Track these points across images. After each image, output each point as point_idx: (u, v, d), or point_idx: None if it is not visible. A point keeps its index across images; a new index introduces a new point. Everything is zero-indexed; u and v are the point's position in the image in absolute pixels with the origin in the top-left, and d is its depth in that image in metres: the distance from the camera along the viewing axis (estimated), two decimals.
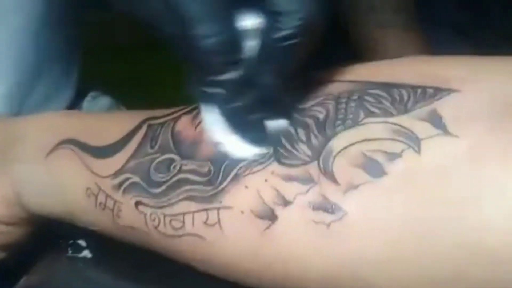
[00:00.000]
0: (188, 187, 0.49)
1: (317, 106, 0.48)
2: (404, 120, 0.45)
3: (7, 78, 0.63)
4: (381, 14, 1.01)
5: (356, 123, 0.46)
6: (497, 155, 0.42)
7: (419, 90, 0.46)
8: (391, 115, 0.45)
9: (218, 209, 0.47)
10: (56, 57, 0.69)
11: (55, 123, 0.60)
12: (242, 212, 0.46)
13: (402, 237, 0.43)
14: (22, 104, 0.65)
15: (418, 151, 0.44)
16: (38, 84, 0.66)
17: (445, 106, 0.45)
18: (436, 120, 0.44)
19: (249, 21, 0.43)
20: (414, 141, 0.44)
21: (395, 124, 0.45)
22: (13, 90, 0.63)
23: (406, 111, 0.45)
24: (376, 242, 0.43)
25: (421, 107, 0.45)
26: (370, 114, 0.46)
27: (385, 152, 0.44)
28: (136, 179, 0.51)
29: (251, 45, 0.43)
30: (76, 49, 0.72)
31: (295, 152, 0.46)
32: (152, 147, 0.51)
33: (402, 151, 0.44)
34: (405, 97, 0.46)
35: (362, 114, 0.46)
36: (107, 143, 0.54)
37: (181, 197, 0.49)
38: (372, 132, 0.45)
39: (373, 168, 0.44)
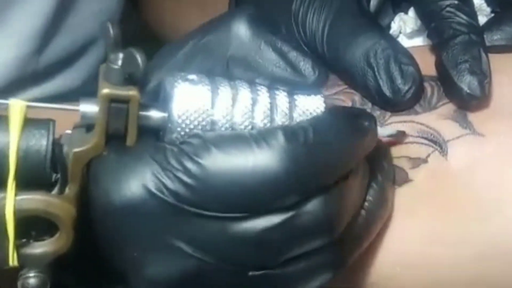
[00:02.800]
0: None
1: (340, 95, 0.46)
2: (429, 118, 0.44)
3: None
4: None
5: (382, 123, 0.44)
6: None
7: (440, 84, 0.45)
8: (416, 112, 0.44)
9: None
10: None
11: None
12: None
13: (428, 242, 0.42)
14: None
15: (445, 154, 0.43)
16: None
17: None
18: (462, 119, 0.44)
19: None
20: (440, 143, 0.43)
21: (421, 124, 0.44)
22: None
23: (430, 108, 0.44)
24: (400, 247, 0.43)
25: (446, 103, 0.44)
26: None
27: (410, 158, 0.43)
28: None
29: None
30: None
31: None
32: None
33: (428, 155, 0.43)
34: (429, 92, 0.45)
35: (388, 112, 0.45)
36: None
37: None
38: None
39: (398, 175, 0.43)
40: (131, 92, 0.35)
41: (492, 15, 0.50)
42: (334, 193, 0.37)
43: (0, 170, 0.35)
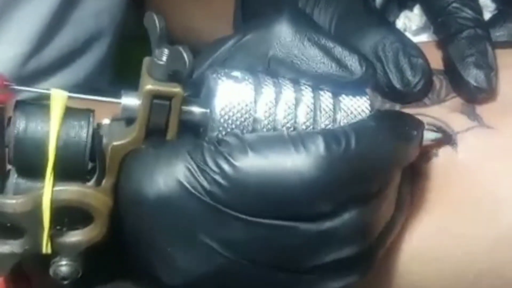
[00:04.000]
0: None
1: None
2: (438, 111, 0.44)
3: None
4: None
5: None
6: None
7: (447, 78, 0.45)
8: (425, 105, 0.44)
9: None
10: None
11: None
12: None
13: (445, 234, 0.43)
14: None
15: (455, 146, 0.43)
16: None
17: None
18: (470, 111, 0.44)
19: None
20: (449, 135, 0.43)
21: (430, 116, 0.44)
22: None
23: (439, 101, 0.45)
24: (419, 240, 0.43)
25: (454, 97, 0.45)
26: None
27: (421, 152, 0.42)
28: None
29: None
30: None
31: None
32: None
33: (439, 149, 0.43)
34: (437, 86, 0.45)
35: (397, 104, 0.45)
36: None
37: None
38: None
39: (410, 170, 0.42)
40: (175, 89, 0.35)
41: (496, 11, 0.49)
42: (372, 204, 0.37)
43: (40, 159, 0.35)
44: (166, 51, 0.34)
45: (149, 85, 0.35)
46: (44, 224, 0.35)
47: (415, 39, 0.49)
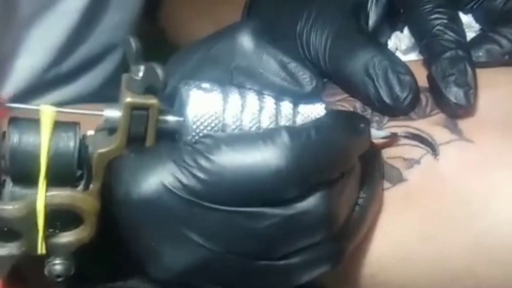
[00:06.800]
0: None
1: (343, 102, 0.50)
2: (423, 124, 0.48)
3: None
4: None
5: (380, 127, 0.49)
6: (506, 163, 0.46)
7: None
8: (411, 119, 0.49)
9: None
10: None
11: None
12: None
13: (418, 237, 0.46)
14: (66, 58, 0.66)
15: (436, 156, 0.47)
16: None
17: None
18: (452, 126, 0.48)
19: None
20: (432, 147, 0.47)
21: (416, 128, 0.48)
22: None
23: (425, 116, 0.49)
24: (393, 241, 0.47)
25: (438, 112, 0.49)
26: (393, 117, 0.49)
27: (404, 159, 0.48)
28: None
29: None
30: None
31: None
32: None
33: (421, 157, 0.48)
34: (423, 102, 0.49)
35: (386, 117, 0.49)
36: None
37: None
38: None
39: (392, 175, 0.47)
40: (152, 100, 0.40)
41: (479, 32, 0.54)
42: (334, 189, 0.41)
43: (33, 168, 0.39)
44: (142, 67, 0.39)
45: (128, 98, 0.39)
46: (39, 227, 0.40)
47: (405, 57, 0.54)
